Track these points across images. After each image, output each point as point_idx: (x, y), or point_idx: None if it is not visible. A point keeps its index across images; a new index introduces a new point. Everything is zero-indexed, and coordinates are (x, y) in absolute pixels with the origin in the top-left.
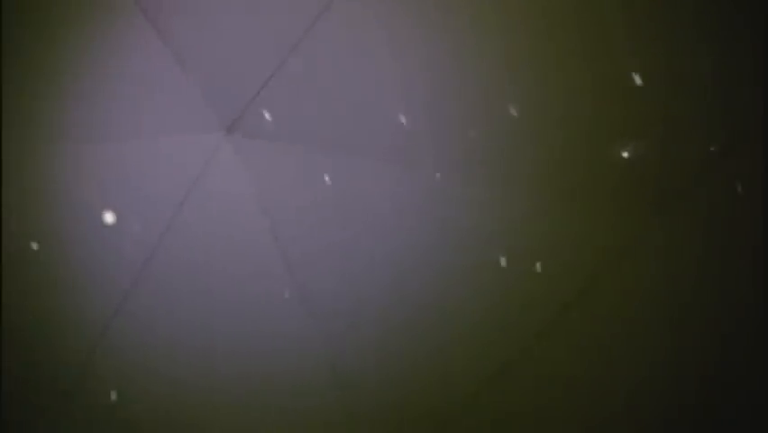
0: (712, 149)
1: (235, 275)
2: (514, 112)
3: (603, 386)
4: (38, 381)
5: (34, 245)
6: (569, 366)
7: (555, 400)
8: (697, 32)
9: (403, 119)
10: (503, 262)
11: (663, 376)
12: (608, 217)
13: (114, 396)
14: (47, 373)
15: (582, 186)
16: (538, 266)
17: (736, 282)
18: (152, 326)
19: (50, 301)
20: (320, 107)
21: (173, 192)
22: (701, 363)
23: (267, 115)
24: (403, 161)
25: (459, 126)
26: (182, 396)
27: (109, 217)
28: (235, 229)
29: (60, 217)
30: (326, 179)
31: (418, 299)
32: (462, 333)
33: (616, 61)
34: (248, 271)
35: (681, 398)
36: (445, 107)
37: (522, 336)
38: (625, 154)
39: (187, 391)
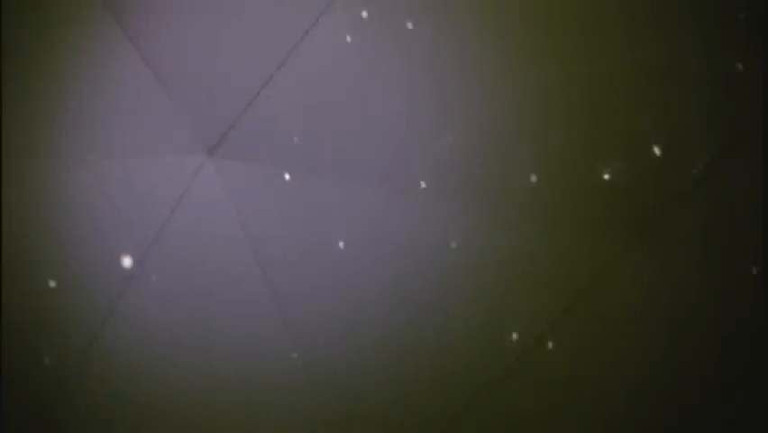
0: (694, 171)
1: (218, 296)
2: (534, 179)
3: (604, 387)
4: (37, 380)
5: (52, 283)
6: (569, 368)
7: (556, 401)
8: (696, 33)
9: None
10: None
11: (663, 377)
12: (608, 219)
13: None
14: (45, 373)
15: (582, 186)
16: (549, 344)
17: (737, 283)
18: (137, 339)
19: (48, 301)
20: (305, 129)
21: (155, 213)
22: (701, 363)
23: (287, 176)
24: (391, 181)
25: (451, 142)
26: (178, 402)
27: (127, 261)
28: (218, 251)
29: (43, 238)
30: (341, 245)
31: (404, 309)
32: (463, 335)
33: (614, 64)
34: (231, 292)
35: (681, 398)
36: (434, 125)
37: (522, 338)
38: (624, 158)
39: (183, 400)
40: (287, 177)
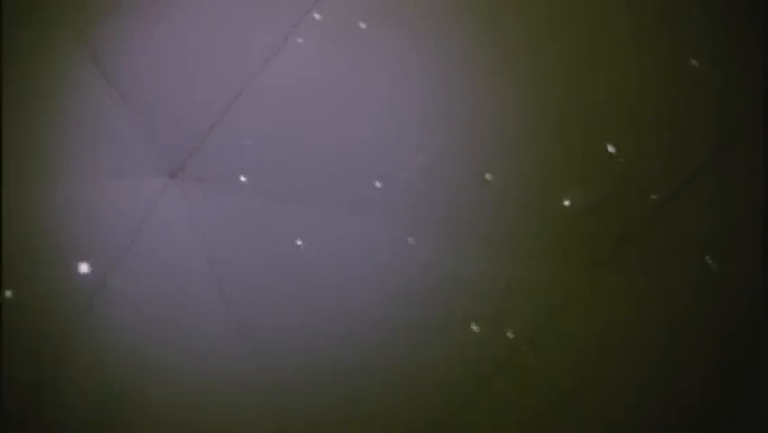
0: (653, 197)
1: (180, 320)
2: (489, 177)
3: (598, 388)
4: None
5: (8, 293)
6: (564, 367)
7: (548, 402)
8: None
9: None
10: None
11: (663, 377)
12: (602, 219)
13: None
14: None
15: (570, 187)
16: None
17: (738, 282)
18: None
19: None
20: (268, 152)
21: (118, 236)
22: (701, 365)
23: (243, 178)
24: (357, 204)
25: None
26: None
27: (84, 267)
28: (180, 274)
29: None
30: (299, 243)
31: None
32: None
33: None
34: (192, 316)
35: (681, 399)
36: (402, 150)
37: (515, 341)
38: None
39: None
40: (243, 179)
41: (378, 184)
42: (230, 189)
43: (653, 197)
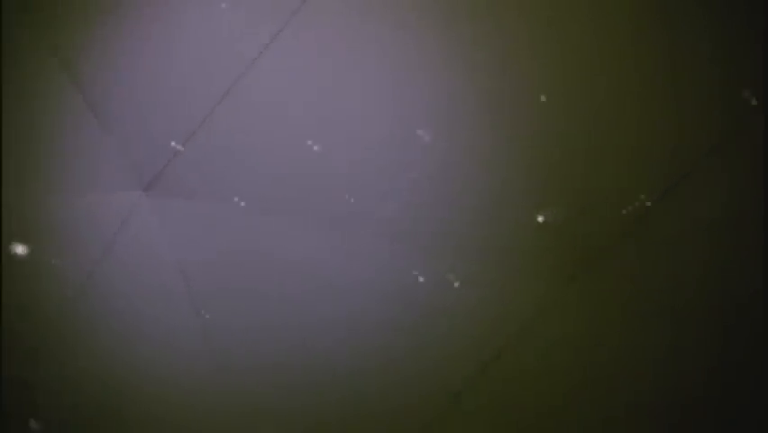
0: (624, 212)
1: (152, 338)
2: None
3: (598, 388)
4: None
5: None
6: (564, 368)
7: (548, 402)
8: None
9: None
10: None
11: (665, 374)
12: (601, 218)
13: None
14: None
15: (570, 186)
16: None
17: (738, 280)
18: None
19: None
20: (242, 167)
21: (89, 251)
22: (701, 362)
23: (178, 146)
24: (330, 219)
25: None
26: None
27: (20, 249)
28: (152, 290)
29: None
30: (282, 286)
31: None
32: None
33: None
34: (164, 332)
35: (682, 398)
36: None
37: (503, 337)
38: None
39: None
40: (179, 147)
41: (374, 190)
42: (204, 204)
43: (648, 200)
